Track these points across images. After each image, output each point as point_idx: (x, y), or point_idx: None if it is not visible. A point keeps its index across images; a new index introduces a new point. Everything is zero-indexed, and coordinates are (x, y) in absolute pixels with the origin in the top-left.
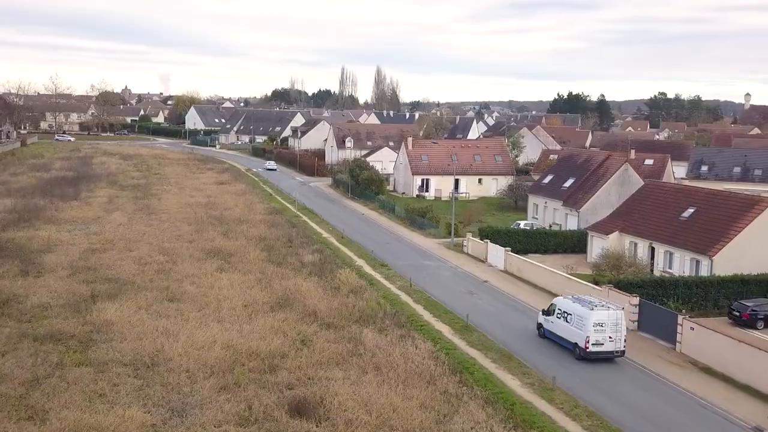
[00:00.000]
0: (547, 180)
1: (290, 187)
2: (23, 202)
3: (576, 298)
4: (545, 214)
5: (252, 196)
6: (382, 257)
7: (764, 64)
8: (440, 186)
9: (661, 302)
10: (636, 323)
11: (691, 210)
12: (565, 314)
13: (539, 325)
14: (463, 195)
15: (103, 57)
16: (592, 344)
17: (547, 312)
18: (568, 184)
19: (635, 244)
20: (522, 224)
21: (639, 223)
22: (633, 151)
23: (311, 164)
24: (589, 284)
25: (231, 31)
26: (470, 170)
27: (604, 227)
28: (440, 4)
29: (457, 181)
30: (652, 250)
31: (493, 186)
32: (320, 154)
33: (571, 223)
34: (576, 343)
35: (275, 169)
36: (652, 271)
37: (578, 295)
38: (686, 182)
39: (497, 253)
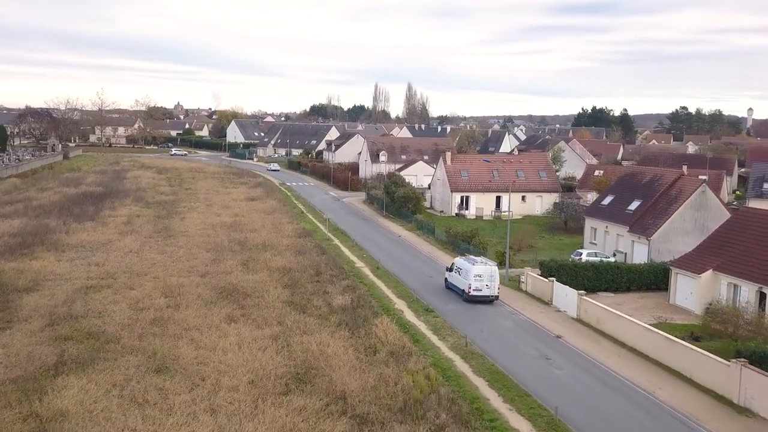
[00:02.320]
0: (607, 201)
1: (323, 203)
2: (34, 223)
3: (466, 258)
4: (606, 240)
5: (281, 215)
6: (426, 298)
7: (761, 81)
8: (481, 204)
9: None
10: None
11: None
12: (459, 269)
13: (446, 279)
14: (506, 214)
15: (156, 76)
16: (473, 290)
17: (450, 269)
18: (633, 206)
19: (736, 287)
20: (584, 254)
21: (739, 261)
22: (686, 167)
23: (345, 178)
24: (698, 349)
25: (274, 54)
26: (513, 187)
27: (693, 263)
28: (461, 29)
29: (498, 199)
30: (761, 295)
31: (538, 204)
32: (354, 167)
33: (639, 252)
34: (463, 289)
35: (278, 170)
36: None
37: (468, 256)
38: None
39: (567, 296)
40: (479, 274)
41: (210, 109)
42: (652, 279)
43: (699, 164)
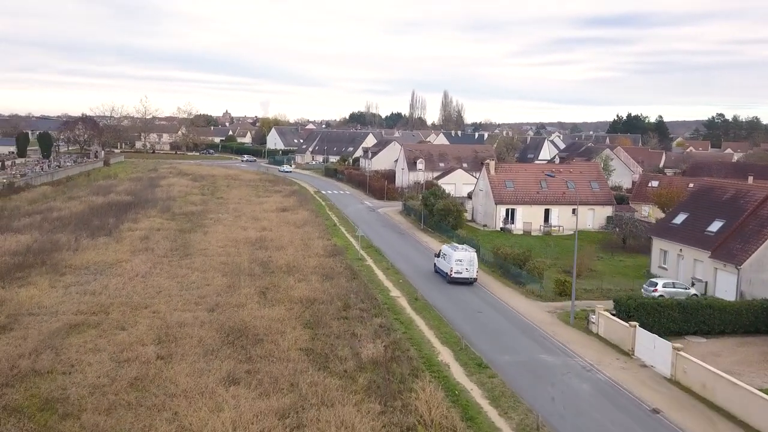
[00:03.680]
0: (680, 220)
1: (357, 214)
2: (44, 239)
3: (450, 245)
4: (680, 265)
5: (312, 228)
6: (477, 344)
7: None
8: (528, 218)
9: None
10: None
11: None
12: (444, 255)
13: (434, 264)
14: (556, 228)
15: (208, 86)
16: (454, 273)
17: (438, 255)
18: (714, 227)
19: None
20: (660, 284)
21: None
22: (751, 177)
23: (380, 187)
24: None
25: (319, 66)
26: (563, 199)
27: None
28: (495, 41)
29: (547, 212)
30: None
31: (590, 217)
32: (390, 175)
33: (724, 282)
34: (446, 272)
35: (290, 171)
36: None
37: (452, 243)
38: None
39: (656, 348)
40: (460, 259)
41: (256, 116)
42: (751, 320)
43: (761, 174)
